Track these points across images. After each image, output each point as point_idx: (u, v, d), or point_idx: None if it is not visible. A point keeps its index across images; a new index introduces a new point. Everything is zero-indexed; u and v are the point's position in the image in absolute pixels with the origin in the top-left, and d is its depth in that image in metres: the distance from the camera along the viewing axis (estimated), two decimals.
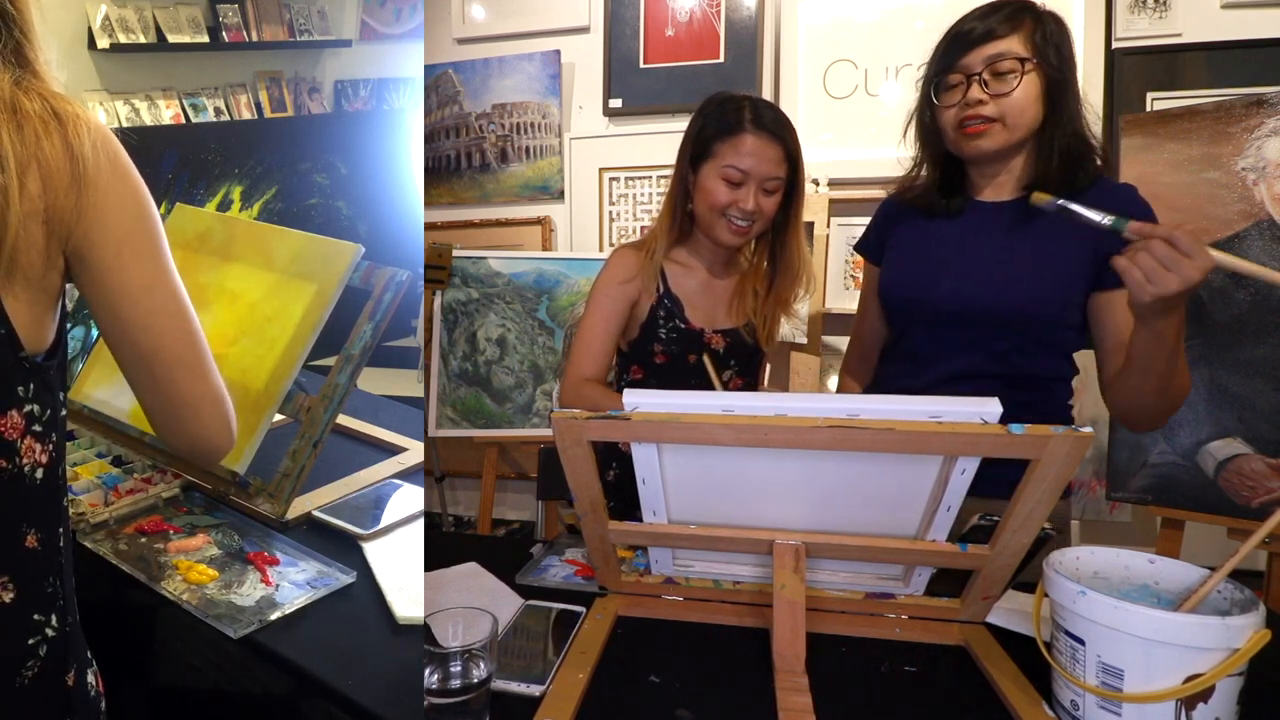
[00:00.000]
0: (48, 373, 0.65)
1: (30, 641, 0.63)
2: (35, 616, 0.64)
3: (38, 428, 0.64)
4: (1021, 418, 0.68)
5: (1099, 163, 1.03)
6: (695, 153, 1.21)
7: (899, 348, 1.18)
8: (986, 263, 1.05)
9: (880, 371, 1.23)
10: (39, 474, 0.64)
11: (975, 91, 1.00)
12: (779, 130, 1.16)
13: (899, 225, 1.18)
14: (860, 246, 1.27)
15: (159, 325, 0.67)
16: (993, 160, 1.06)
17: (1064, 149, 1.01)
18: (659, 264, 1.26)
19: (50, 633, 0.64)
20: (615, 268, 1.27)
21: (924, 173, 1.15)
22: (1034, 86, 0.99)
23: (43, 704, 0.64)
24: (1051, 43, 0.98)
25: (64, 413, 0.68)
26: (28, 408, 0.63)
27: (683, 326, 1.26)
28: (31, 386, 0.63)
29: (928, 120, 1.09)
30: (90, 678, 0.69)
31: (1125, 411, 1.04)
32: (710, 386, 1.18)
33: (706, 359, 1.21)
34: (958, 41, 1.02)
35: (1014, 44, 0.98)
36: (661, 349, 1.27)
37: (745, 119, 1.16)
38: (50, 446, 0.65)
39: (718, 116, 1.19)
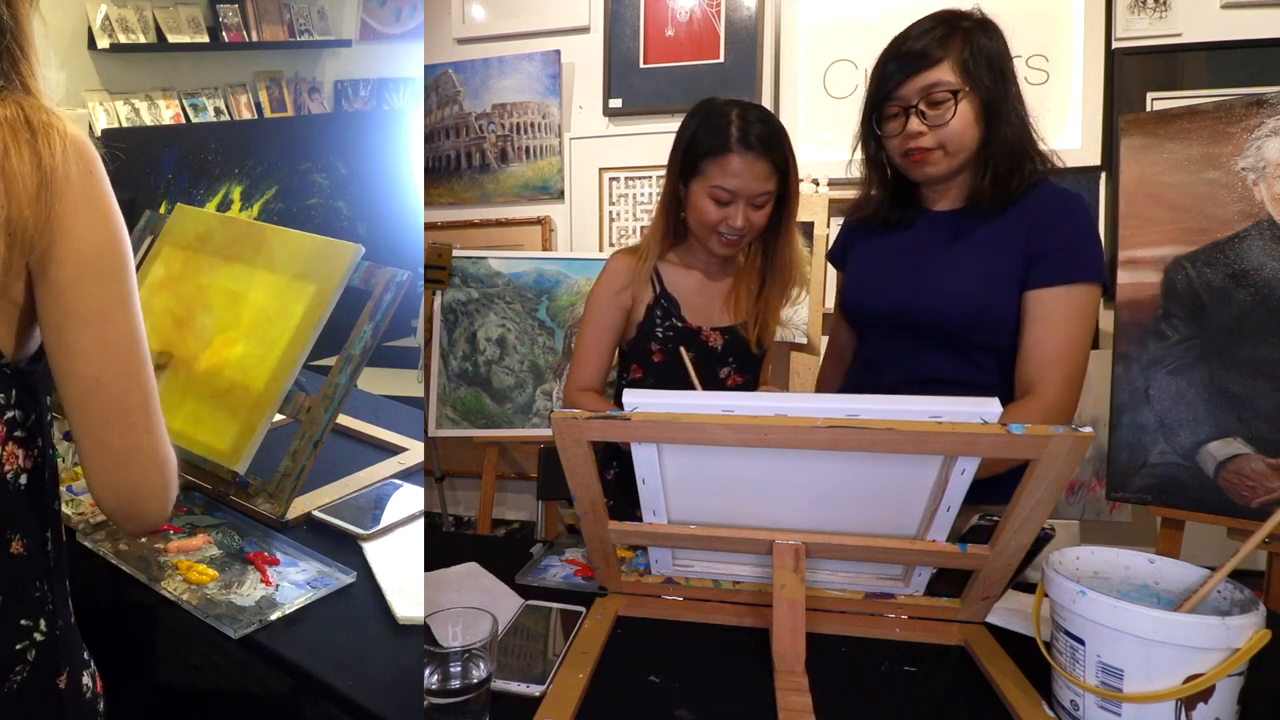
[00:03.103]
0: (32, 377, 0.64)
1: (18, 646, 0.62)
2: (22, 621, 0.63)
3: (20, 433, 0.63)
4: None
5: (1037, 166, 1.05)
6: (684, 168, 1.21)
7: (860, 353, 1.24)
8: (931, 271, 1.09)
9: (849, 376, 1.28)
10: (22, 480, 0.63)
11: (914, 124, 1.03)
12: (766, 146, 1.15)
13: (860, 236, 1.23)
14: (830, 256, 1.32)
15: (104, 357, 0.61)
16: (941, 181, 1.09)
17: (995, 167, 1.03)
18: (650, 269, 1.28)
19: (39, 637, 0.64)
20: (608, 278, 1.30)
21: (874, 188, 1.18)
22: (969, 112, 1.01)
23: (33, 707, 0.64)
24: (983, 60, 1.00)
25: (49, 418, 0.67)
26: (9, 414, 0.62)
27: (679, 325, 1.26)
28: (13, 393, 0.62)
29: (872, 151, 1.13)
30: (86, 679, 0.69)
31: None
32: (689, 383, 1.18)
33: (684, 352, 1.22)
34: (894, 65, 1.04)
35: (945, 72, 1.00)
36: (659, 348, 1.27)
37: (732, 137, 1.14)
38: (35, 451, 0.65)
39: (705, 131, 1.17)
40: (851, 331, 1.27)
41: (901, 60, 1.03)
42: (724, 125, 1.15)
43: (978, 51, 1.00)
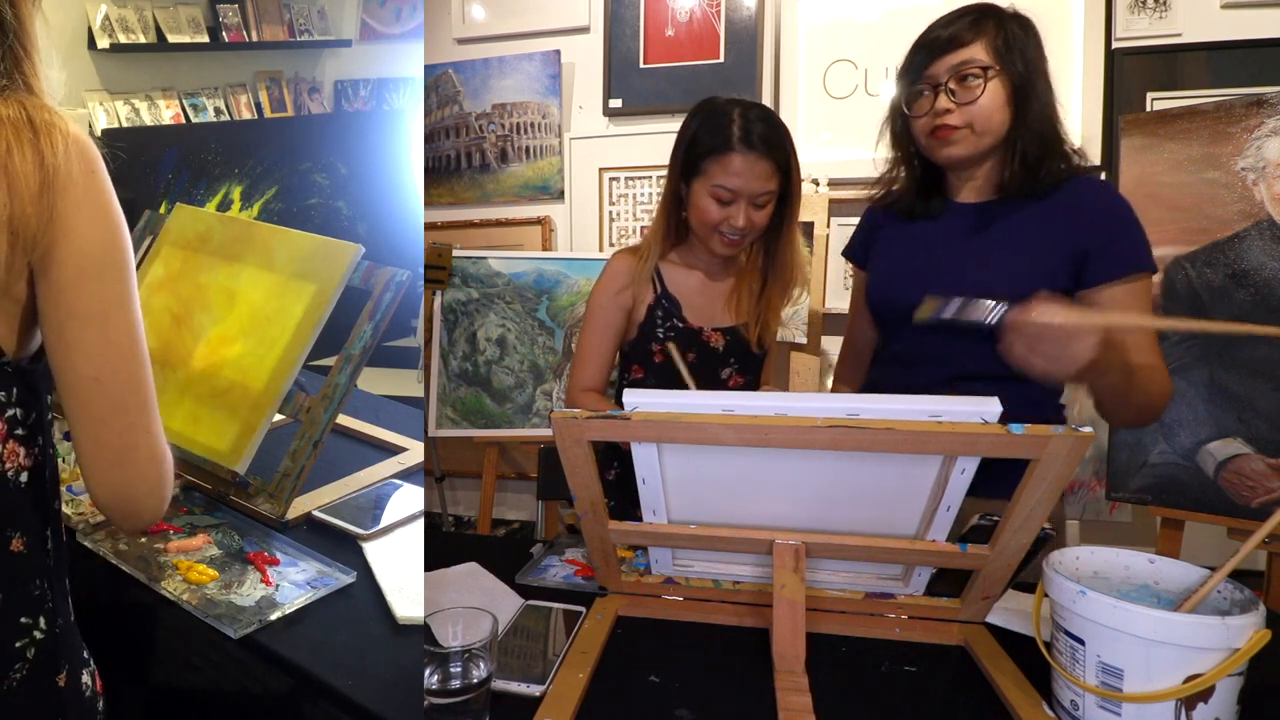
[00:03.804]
0: (33, 376, 0.64)
1: (18, 644, 0.63)
2: (22, 619, 0.63)
3: (20, 431, 0.63)
4: (1016, 419, 0.68)
5: (1072, 162, 1.04)
6: (686, 167, 1.21)
7: (888, 351, 1.19)
8: (967, 265, 1.07)
9: (872, 374, 1.25)
10: (23, 478, 0.64)
11: (943, 101, 1.02)
12: (768, 145, 1.14)
13: (883, 230, 1.20)
14: (848, 252, 1.29)
15: (104, 356, 0.62)
16: (966, 165, 1.08)
17: (1024, 152, 1.02)
18: (651, 269, 1.27)
19: (39, 635, 0.64)
20: (609, 278, 1.29)
21: (901, 175, 1.16)
22: (999, 93, 1.00)
23: (32, 705, 0.64)
24: (1016, 47, 1.00)
25: (50, 417, 0.67)
26: (9, 412, 0.62)
27: (680, 325, 1.26)
28: (14, 391, 0.63)
29: (899, 129, 1.11)
30: (86, 678, 0.69)
31: (1111, 422, 1.08)
32: (680, 378, 1.17)
33: (673, 348, 1.21)
34: (923, 50, 1.04)
35: (977, 51, 0.99)
36: (659, 348, 1.27)
37: (734, 136, 1.14)
38: (35, 450, 0.65)
39: (707, 130, 1.17)
40: (875, 328, 1.23)
41: (931, 45, 1.03)
42: (726, 124, 1.15)
43: (1011, 38, 1.00)
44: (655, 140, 2.45)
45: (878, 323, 1.21)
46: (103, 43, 2.48)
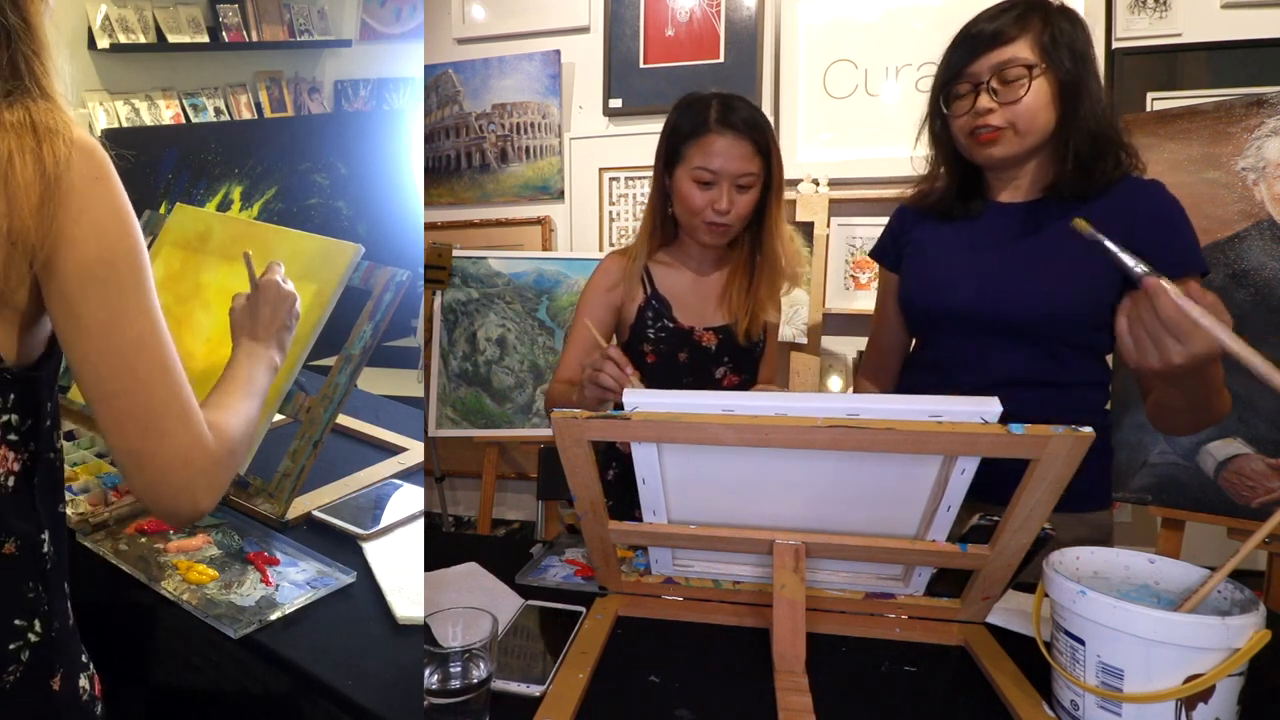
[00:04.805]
0: (35, 383, 0.64)
1: (11, 646, 0.62)
2: (16, 622, 0.63)
3: (13, 436, 0.63)
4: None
5: (1122, 162, 1.00)
6: (668, 157, 1.21)
7: (923, 356, 1.16)
8: (1010, 267, 1.03)
9: (905, 381, 1.21)
10: (11, 482, 0.63)
11: (984, 100, 0.98)
12: (746, 126, 1.14)
13: (916, 230, 1.16)
14: (876, 253, 1.25)
15: (107, 366, 0.61)
16: (1007, 166, 1.04)
17: (1077, 151, 0.98)
18: (640, 268, 1.27)
19: (33, 638, 0.63)
20: (600, 275, 1.30)
21: (940, 173, 1.13)
22: (1044, 91, 0.96)
23: (25, 709, 0.63)
24: (1064, 43, 0.95)
25: (50, 422, 0.67)
26: (4, 418, 0.62)
27: (671, 325, 1.26)
28: (11, 397, 0.62)
29: (938, 128, 1.08)
30: (84, 681, 0.68)
31: (1161, 429, 1.02)
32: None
33: (588, 324, 1.17)
34: (965, 46, 1.00)
35: (1021, 49, 0.96)
36: (650, 349, 1.27)
37: (711, 118, 1.14)
38: (26, 455, 0.64)
39: (686, 118, 1.18)
40: (905, 333, 1.20)
41: (973, 41, 0.98)
42: (704, 109, 1.16)
43: (1059, 34, 0.95)
44: (655, 140, 2.44)
45: (912, 327, 1.18)
46: (103, 43, 2.47)
